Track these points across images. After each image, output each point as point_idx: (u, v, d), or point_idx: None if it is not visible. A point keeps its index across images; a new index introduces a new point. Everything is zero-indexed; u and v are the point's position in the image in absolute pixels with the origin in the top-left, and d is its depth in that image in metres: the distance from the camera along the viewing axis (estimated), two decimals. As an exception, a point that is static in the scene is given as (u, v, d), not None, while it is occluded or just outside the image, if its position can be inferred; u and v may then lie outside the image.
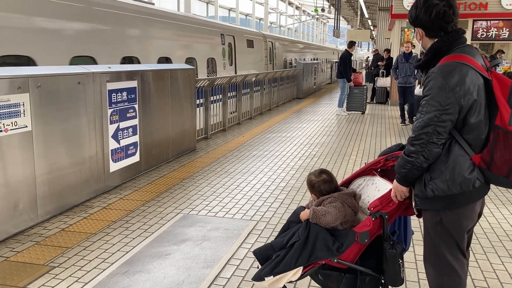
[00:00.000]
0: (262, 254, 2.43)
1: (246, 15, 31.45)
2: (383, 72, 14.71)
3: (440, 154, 2.07)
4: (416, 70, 9.89)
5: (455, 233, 2.15)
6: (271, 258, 2.36)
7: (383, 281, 2.40)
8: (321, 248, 2.27)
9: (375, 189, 2.60)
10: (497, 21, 13.03)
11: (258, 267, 2.46)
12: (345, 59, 12.12)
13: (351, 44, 12.61)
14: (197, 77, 8.85)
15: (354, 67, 13.81)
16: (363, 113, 12.31)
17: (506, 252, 3.67)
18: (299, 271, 2.28)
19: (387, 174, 2.63)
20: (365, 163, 2.79)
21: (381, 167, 2.64)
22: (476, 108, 2.05)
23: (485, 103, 2.09)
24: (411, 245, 3.68)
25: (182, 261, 3.43)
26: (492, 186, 2.19)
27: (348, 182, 2.73)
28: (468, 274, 2.28)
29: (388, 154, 2.57)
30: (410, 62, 10.18)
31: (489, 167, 2.07)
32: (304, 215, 2.46)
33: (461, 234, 2.17)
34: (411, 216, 2.50)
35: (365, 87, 12.58)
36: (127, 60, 7.45)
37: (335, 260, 2.29)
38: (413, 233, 2.76)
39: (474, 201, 2.12)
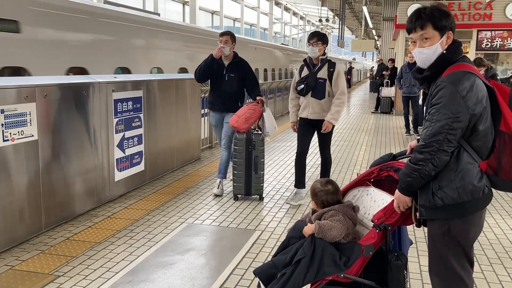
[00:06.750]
0: (264, 274, 2.37)
1: (251, 25, 31.63)
2: (388, 82, 14.72)
3: (448, 162, 2.07)
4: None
5: (463, 242, 2.14)
6: (276, 277, 2.29)
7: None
8: (328, 264, 2.24)
9: (370, 199, 2.58)
10: (501, 31, 13.06)
11: (258, 284, 2.41)
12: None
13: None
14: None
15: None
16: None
17: (512, 263, 3.65)
18: None
19: (380, 184, 2.62)
20: (357, 174, 2.78)
21: (375, 178, 2.61)
22: (485, 115, 2.08)
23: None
24: (416, 255, 3.69)
25: (186, 271, 3.42)
26: (497, 196, 2.19)
27: (342, 194, 2.70)
28: (474, 285, 2.26)
29: (382, 164, 2.55)
30: None
31: (496, 173, 2.09)
32: (309, 230, 2.40)
33: (470, 242, 2.17)
34: (413, 227, 2.49)
35: (255, 135, 5.22)
36: None
37: (342, 275, 2.25)
38: (411, 243, 2.73)
39: (482, 208, 2.13)
